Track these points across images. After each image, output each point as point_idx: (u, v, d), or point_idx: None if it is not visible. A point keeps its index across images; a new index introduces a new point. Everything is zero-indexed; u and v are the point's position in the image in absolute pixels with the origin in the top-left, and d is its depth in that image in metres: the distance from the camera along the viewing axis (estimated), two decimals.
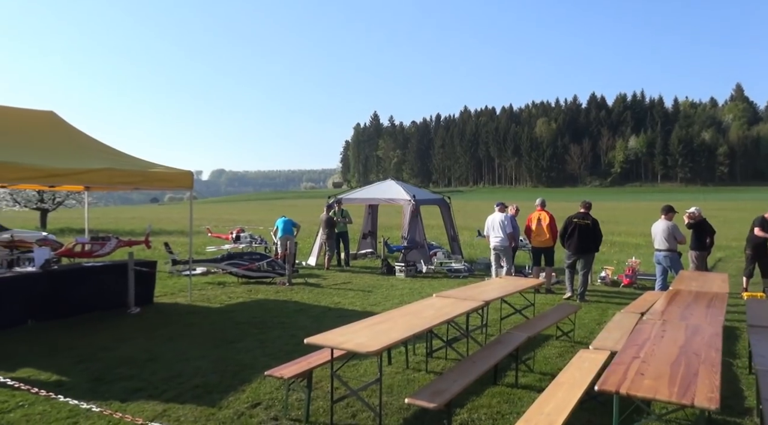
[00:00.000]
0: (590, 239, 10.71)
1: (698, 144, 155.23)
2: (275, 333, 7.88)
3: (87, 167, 8.38)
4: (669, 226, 10.05)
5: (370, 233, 18.51)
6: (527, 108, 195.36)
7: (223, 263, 12.33)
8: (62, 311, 8.43)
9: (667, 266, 10.07)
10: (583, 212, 10.94)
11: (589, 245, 10.74)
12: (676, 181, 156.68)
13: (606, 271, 12.90)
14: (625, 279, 12.30)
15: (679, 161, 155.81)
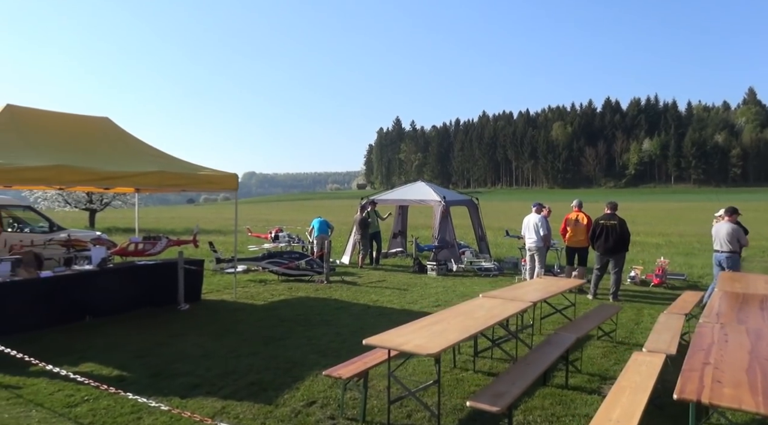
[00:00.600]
0: (618, 240, 10.39)
1: (711, 146, 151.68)
2: (320, 330, 7.72)
3: (139, 170, 8.35)
4: (733, 228, 9.61)
5: (400, 232, 18.32)
6: (543, 112, 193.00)
7: (264, 261, 12.25)
8: (117, 308, 8.40)
9: (728, 267, 9.63)
10: (609, 213, 10.64)
11: (617, 245, 10.41)
12: (690, 182, 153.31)
13: (635, 271, 12.51)
14: (655, 279, 11.89)
15: (692, 162, 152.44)
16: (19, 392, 5.28)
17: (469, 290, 11.24)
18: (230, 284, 11.22)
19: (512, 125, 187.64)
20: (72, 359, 6.22)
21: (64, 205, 28.97)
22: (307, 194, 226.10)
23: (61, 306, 7.70)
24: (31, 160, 7.19)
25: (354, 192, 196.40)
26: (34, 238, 10.44)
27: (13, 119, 7.91)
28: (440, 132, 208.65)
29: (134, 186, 9.46)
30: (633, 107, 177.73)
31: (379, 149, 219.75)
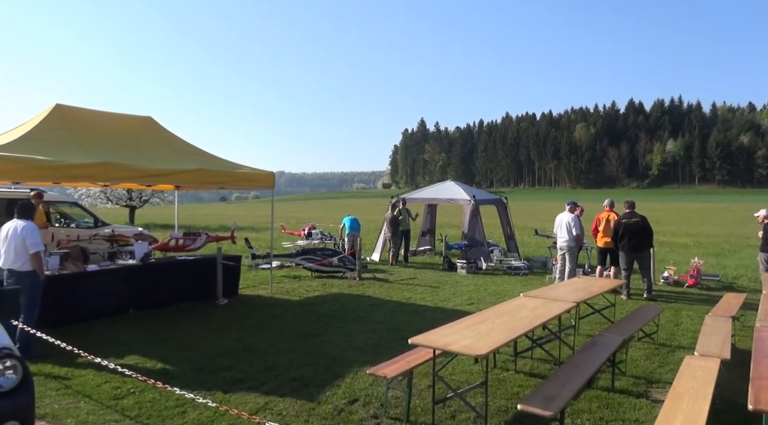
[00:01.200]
0: (642, 237, 10.05)
1: (736, 147, 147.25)
2: (356, 326, 7.57)
3: (180, 167, 8.31)
4: None
5: (429, 230, 18.10)
6: (566, 114, 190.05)
7: (298, 258, 12.17)
8: (159, 302, 8.39)
9: None
10: (629, 212, 10.30)
11: (641, 242, 10.07)
12: (714, 183, 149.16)
13: (668, 271, 12.05)
14: (690, 279, 11.43)
15: (716, 163, 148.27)
16: (67, 383, 5.25)
17: (500, 289, 10.97)
18: (266, 280, 11.17)
19: (535, 126, 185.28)
20: (118, 351, 6.19)
21: (106, 202, 29.46)
22: (334, 192, 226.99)
23: (107, 299, 7.71)
24: (79, 157, 7.20)
25: (379, 191, 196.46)
26: (80, 233, 10.54)
27: (62, 118, 7.94)
28: (464, 133, 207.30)
29: (175, 184, 9.46)
30: (656, 108, 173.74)
31: (404, 149, 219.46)
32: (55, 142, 7.42)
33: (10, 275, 5.97)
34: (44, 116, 7.83)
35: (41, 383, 5.22)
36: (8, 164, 6.41)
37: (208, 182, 8.80)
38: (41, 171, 6.70)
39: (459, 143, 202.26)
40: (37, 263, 5.96)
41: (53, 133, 7.60)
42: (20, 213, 6.07)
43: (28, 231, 5.92)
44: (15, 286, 2.93)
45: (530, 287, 11.26)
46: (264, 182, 9.68)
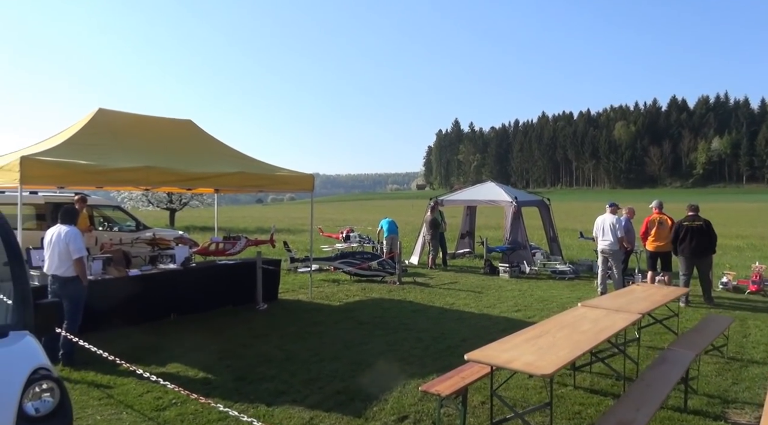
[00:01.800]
0: (705, 241, 9.47)
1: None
2: (400, 334, 7.29)
3: (220, 171, 8.22)
4: None
5: (468, 233, 17.69)
6: (605, 112, 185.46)
7: (337, 261, 11.98)
8: (200, 306, 8.31)
9: None
10: (693, 215, 9.71)
11: (704, 247, 9.49)
12: (763, 182, 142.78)
13: (727, 276, 11.34)
14: (752, 285, 10.71)
15: (766, 161, 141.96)
16: (110, 392, 5.15)
17: (546, 295, 10.51)
18: (305, 284, 11.02)
19: (572, 125, 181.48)
20: (160, 358, 6.09)
21: (147, 204, 30.12)
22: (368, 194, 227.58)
23: (149, 304, 7.66)
24: (121, 161, 7.17)
25: (413, 193, 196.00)
26: (122, 236, 10.61)
27: (104, 122, 7.95)
28: (499, 133, 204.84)
29: (215, 187, 9.39)
30: (701, 105, 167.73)
31: (438, 150, 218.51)
32: (98, 146, 7.43)
33: (53, 280, 5.93)
34: (87, 121, 7.86)
35: (84, 391, 5.14)
36: (53, 169, 6.41)
37: (248, 185, 8.70)
38: (85, 176, 6.69)
39: (494, 143, 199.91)
40: (80, 269, 5.91)
41: (96, 137, 7.61)
42: (63, 218, 6.04)
43: (71, 237, 5.87)
44: (54, 300, 2.78)
45: (578, 292, 10.77)
46: (303, 184, 9.53)
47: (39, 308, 2.64)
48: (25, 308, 2.57)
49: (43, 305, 2.66)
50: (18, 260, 2.60)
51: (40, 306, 2.64)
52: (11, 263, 2.58)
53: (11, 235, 2.62)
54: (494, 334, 7.31)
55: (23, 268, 2.64)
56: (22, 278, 2.61)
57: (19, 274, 2.59)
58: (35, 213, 10.15)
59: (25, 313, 2.56)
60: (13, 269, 2.58)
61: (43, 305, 2.66)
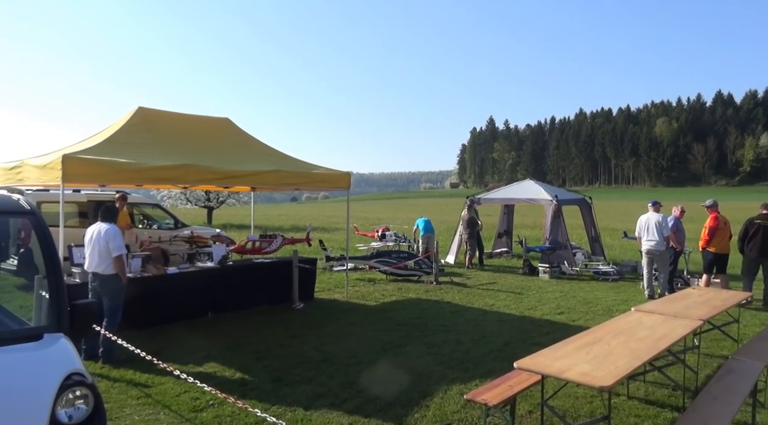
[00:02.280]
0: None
1: None
2: (439, 336, 7.07)
3: (257, 169, 8.17)
4: None
5: (506, 232, 17.30)
6: (646, 108, 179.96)
7: (373, 260, 11.83)
8: (236, 305, 8.28)
9: None
10: (766, 213, 9.10)
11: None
12: None
13: None
14: None
15: None
16: (148, 391, 5.11)
17: (590, 297, 10.11)
18: (340, 283, 10.91)
19: (611, 122, 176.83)
20: (198, 357, 6.04)
21: (185, 203, 30.66)
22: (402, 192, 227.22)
23: (187, 302, 7.66)
24: (160, 160, 7.18)
25: (447, 191, 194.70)
26: (161, 234, 10.71)
27: (144, 121, 8.00)
28: (534, 131, 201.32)
29: (252, 185, 9.38)
30: (749, 100, 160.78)
31: (472, 148, 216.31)
32: (138, 145, 7.46)
33: (94, 278, 5.96)
34: (127, 119, 7.92)
35: (123, 390, 5.11)
36: (94, 167, 6.44)
37: (284, 183, 8.62)
38: (124, 174, 6.70)
39: (529, 140, 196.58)
40: (119, 267, 5.91)
41: (136, 136, 7.65)
42: (104, 216, 6.05)
43: (111, 235, 5.88)
44: (91, 300, 2.68)
45: (623, 295, 10.33)
46: (339, 182, 9.41)
47: (75, 309, 2.55)
48: (60, 309, 2.48)
49: (79, 306, 2.57)
50: (53, 260, 2.52)
51: (76, 307, 2.55)
52: (46, 263, 2.50)
53: (47, 234, 2.54)
54: (538, 338, 7.03)
55: (58, 268, 2.54)
56: (57, 278, 2.52)
57: (54, 274, 2.50)
58: (78, 211, 10.34)
59: (60, 314, 2.46)
60: (49, 269, 2.49)
61: (79, 306, 2.57)
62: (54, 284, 2.51)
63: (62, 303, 2.50)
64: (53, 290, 2.49)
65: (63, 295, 2.54)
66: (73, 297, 6.18)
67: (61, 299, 2.51)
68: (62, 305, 2.50)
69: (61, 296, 2.52)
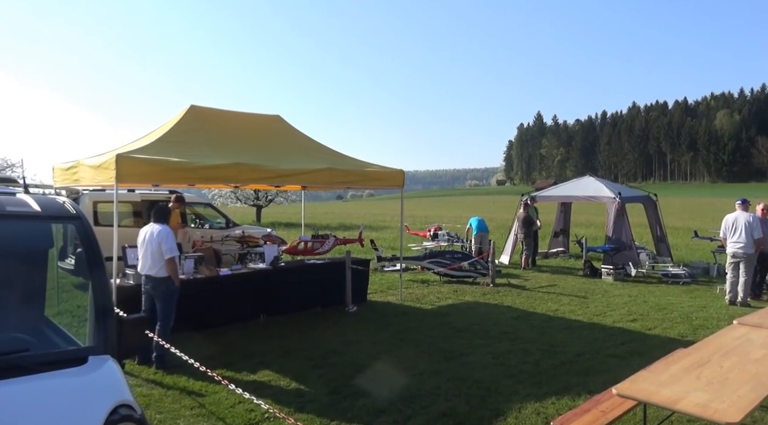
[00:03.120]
0: None
1: None
2: (504, 345, 6.58)
3: (310, 167, 7.90)
4: None
5: (562, 231, 16.51)
6: (705, 100, 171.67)
7: (426, 261, 11.40)
8: (289, 307, 8.04)
9: None
10: None
11: None
12: None
13: None
14: None
15: None
16: (202, 400, 4.87)
17: (663, 301, 9.35)
18: (393, 285, 10.54)
19: (667, 116, 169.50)
20: (251, 365, 5.78)
21: (235, 201, 31.09)
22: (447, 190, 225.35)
23: (239, 304, 7.47)
24: (212, 158, 7.00)
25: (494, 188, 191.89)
26: (212, 234, 10.64)
27: (195, 119, 7.86)
28: (585, 126, 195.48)
29: (303, 184, 9.11)
30: None
31: (519, 144, 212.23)
32: (189, 144, 7.31)
33: (146, 281, 5.80)
34: (179, 118, 7.79)
35: (176, 399, 4.90)
36: (146, 166, 6.30)
37: (336, 181, 8.32)
38: (176, 173, 6.55)
39: (579, 136, 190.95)
40: (172, 269, 5.73)
41: (187, 135, 7.51)
42: (156, 217, 5.89)
43: (163, 236, 5.70)
44: (141, 315, 2.35)
45: (700, 300, 9.52)
46: (393, 180, 9.04)
47: (124, 326, 2.26)
48: (106, 327, 2.18)
49: (128, 322, 2.27)
50: (99, 269, 2.23)
51: (125, 323, 2.26)
52: (91, 273, 2.22)
53: (93, 241, 2.27)
54: (612, 348, 6.45)
55: (104, 279, 2.25)
56: (104, 292, 2.22)
57: (100, 288, 2.21)
58: (132, 211, 10.38)
59: (107, 333, 2.16)
60: (94, 280, 2.20)
61: (128, 321, 2.27)
62: (100, 299, 2.21)
63: (109, 320, 2.20)
64: (99, 305, 2.20)
65: (110, 311, 2.23)
66: (127, 299, 6.14)
67: (108, 316, 2.21)
68: (109, 322, 2.20)
69: (108, 312, 2.22)
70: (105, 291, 2.24)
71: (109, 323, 2.19)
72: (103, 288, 2.23)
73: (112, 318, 2.22)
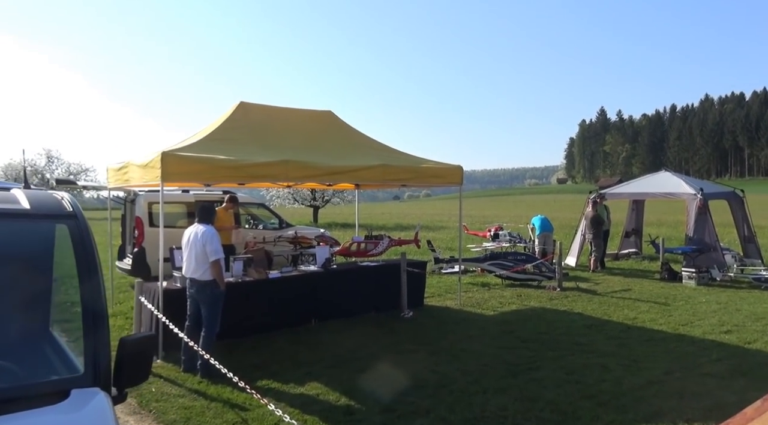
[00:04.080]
0: None
1: None
2: (578, 359, 5.86)
3: (363, 164, 7.45)
4: None
5: (634, 231, 15.32)
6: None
7: (487, 262, 10.71)
8: (341, 312, 7.61)
9: None
10: None
11: None
12: None
13: None
14: None
15: None
16: (245, 415, 4.49)
17: (759, 310, 8.27)
18: (451, 288, 9.95)
19: (744, 108, 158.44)
20: (299, 374, 5.37)
21: (292, 202, 31.32)
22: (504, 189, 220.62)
23: (289, 309, 7.11)
24: (260, 156, 6.68)
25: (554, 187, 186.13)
26: (265, 234, 10.42)
27: (244, 116, 7.59)
28: (652, 120, 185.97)
29: (356, 182, 8.69)
30: None
31: (581, 141, 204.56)
32: (238, 141, 7.04)
33: (191, 284, 5.52)
34: (228, 115, 7.55)
35: (218, 413, 4.54)
36: (192, 164, 6.05)
37: (391, 179, 7.84)
38: (223, 171, 6.28)
39: (646, 131, 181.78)
40: (217, 272, 5.41)
41: (236, 132, 7.24)
42: (200, 217, 5.60)
43: (208, 237, 5.39)
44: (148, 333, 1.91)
45: None
46: (451, 177, 8.47)
47: (125, 348, 1.83)
48: (96, 350, 1.74)
49: (129, 344, 1.83)
50: (92, 280, 1.80)
51: (126, 345, 1.82)
52: (82, 284, 1.80)
53: (87, 245, 1.85)
54: (708, 366, 5.60)
55: (98, 292, 1.81)
56: (94, 305, 1.79)
57: (91, 300, 1.78)
58: (186, 211, 10.30)
59: (96, 359, 1.72)
60: (85, 293, 1.76)
61: (129, 343, 1.83)
62: (90, 316, 1.78)
63: (101, 342, 1.76)
64: (89, 324, 1.77)
65: (103, 330, 1.79)
66: (173, 302, 5.89)
67: (101, 337, 1.76)
68: (101, 344, 1.76)
69: (101, 331, 1.78)
70: (97, 307, 1.80)
71: (100, 346, 1.76)
72: (95, 303, 1.80)
73: (105, 339, 1.78)
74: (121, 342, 1.86)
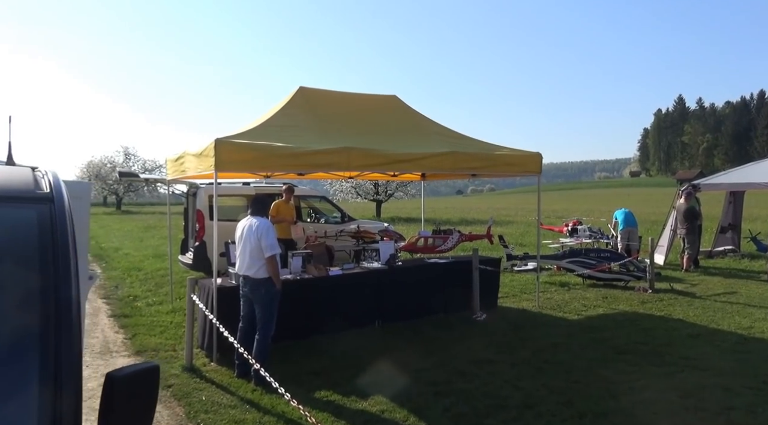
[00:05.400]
0: None
1: None
2: (690, 377, 4.91)
3: (431, 151, 6.76)
4: None
5: (731, 226, 13.70)
6: None
7: (566, 260, 9.72)
8: (407, 313, 6.96)
9: None
10: None
11: None
12: None
13: None
14: None
15: None
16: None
17: None
18: (527, 288, 9.07)
19: None
20: (361, 387, 4.75)
21: (355, 196, 31.05)
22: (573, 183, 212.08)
23: (351, 309, 6.53)
24: (319, 143, 6.14)
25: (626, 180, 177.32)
26: (327, 229, 9.94)
27: (304, 102, 7.08)
28: (737, 108, 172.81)
29: (422, 170, 8.02)
30: None
31: (656, 132, 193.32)
32: (296, 128, 6.52)
33: (244, 282, 5.04)
34: (287, 101, 7.06)
35: None
36: (245, 152, 5.58)
37: (461, 167, 7.09)
38: (279, 159, 5.77)
39: (730, 120, 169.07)
40: (272, 269, 4.90)
41: (295, 118, 6.74)
42: (254, 209, 5.11)
43: (263, 231, 4.89)
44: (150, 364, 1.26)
45: None
46: (528, 165, 7.63)
47: (114, 386, 1.25)
48: (62, 395, 1.07)
49: (119, 380, 1.25)
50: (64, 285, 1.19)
51: (115, 383, 1.24)
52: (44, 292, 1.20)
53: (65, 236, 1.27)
54: None
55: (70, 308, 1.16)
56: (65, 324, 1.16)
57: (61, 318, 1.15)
58: (246, 205, 9.96)
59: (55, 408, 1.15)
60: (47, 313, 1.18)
61: (119, 379, 1.25)
62: (52, 342, 1.16)
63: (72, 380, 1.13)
64: (46, 353, 1.16)
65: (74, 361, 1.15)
66: (227, 301, 5.43)
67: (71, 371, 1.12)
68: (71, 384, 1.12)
69: (71, 364, 1.15)
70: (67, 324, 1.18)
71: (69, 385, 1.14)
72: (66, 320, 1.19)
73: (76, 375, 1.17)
74: (107, 378, 1.27)
